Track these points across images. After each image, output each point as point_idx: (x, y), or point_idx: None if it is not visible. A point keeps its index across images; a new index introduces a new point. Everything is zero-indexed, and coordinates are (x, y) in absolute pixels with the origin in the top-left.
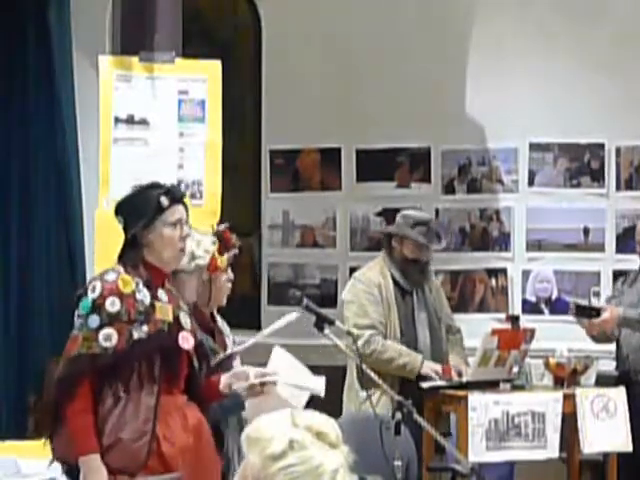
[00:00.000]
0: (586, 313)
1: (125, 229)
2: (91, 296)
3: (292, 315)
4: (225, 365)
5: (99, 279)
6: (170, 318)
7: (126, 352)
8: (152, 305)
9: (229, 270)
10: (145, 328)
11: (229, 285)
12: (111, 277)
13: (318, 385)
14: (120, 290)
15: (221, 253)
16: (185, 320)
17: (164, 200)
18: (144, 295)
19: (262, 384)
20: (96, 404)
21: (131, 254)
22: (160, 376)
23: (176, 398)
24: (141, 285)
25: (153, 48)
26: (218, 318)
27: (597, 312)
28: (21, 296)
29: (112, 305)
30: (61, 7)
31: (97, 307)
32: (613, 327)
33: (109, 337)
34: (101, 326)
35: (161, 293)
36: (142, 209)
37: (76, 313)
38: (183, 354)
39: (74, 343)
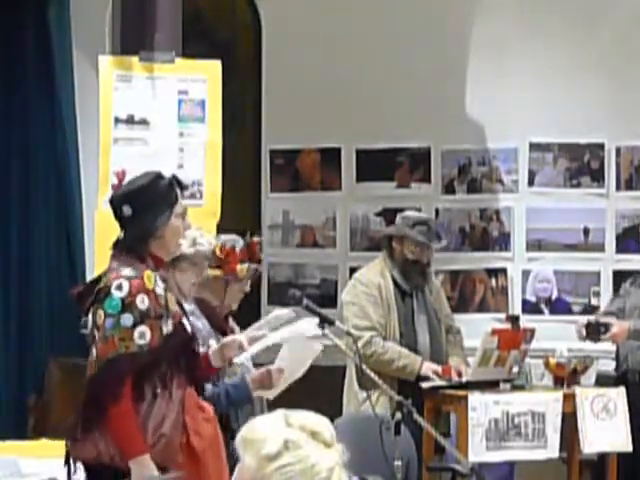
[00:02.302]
0: (596, 330)
1: (132, 220)
2: (119, 295)
3: (283, 311)
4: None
5: (121, 277)
6: (176, 306)
7: (160, 348)
8: (166, 298)
9: (248, 283)
10: (170, 322)
11: (241, 295)
12: (133, 273)
13: (312, 327)
14: (146, 287)
15: (244, 260)
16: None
17: (178, 192)
18: (161, 289)
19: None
20: (137, 403)
21: (140, 247)
22: (184, 368)
23: (191, 390)
24: (158, 279)
25: (153, 48)
26: (230, 320)
27: (605, 327)
28: (21, 296)
29: (142, 302)
30: (61, 7)
31: (128, 306)
32: (623, 340)
33: (143, 335)
34: (135, 324)
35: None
36: (159, 202)
37: (101, 313)
38: (195, 342)
39: (109, 345)
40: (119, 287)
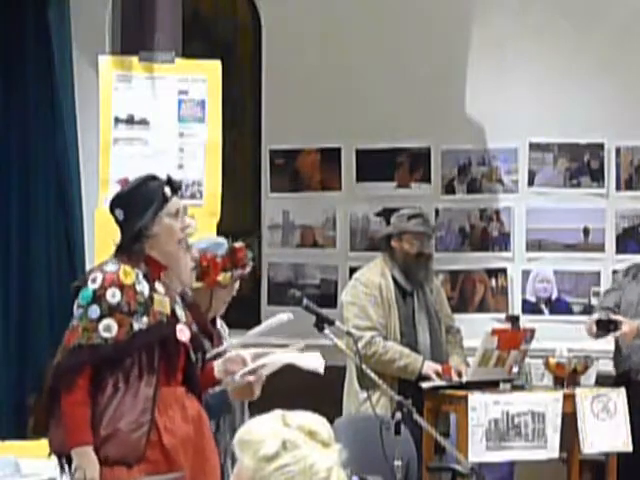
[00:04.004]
0: (605, 327)
1: (125, 223)
2: (92, 287)
3: (284, 316)
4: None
5: (99, 270)
6: (168, 310)
7: (126, 343)
8: (151, 297)
9: (235, 284)
10: (145, 319)
11: (229, 299)
12: (112, 268)
13: (316, 363)
14: (121, 281)
15: (226, 269)
16: (180, 313)
17: (167, 191)
18: (144, 287)
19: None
20: (96, 393)
21: (133, 247)
22: (159, 367)
23: (175, 389)
24: (141, 276)
25: (153, 48)
26: (218, 321)
27: (615, 325)
28: (21, 296)
29: (112, 296)
30: (61, 7)
31: (98, 298)
32: (632, 339)
33: (109, 328)
34: (101, 317)
35: (158, 286)
36: (147, 201)
37: (76, 303)
38: (181, 346)
39: (74, 333)
40: (94, 280)
